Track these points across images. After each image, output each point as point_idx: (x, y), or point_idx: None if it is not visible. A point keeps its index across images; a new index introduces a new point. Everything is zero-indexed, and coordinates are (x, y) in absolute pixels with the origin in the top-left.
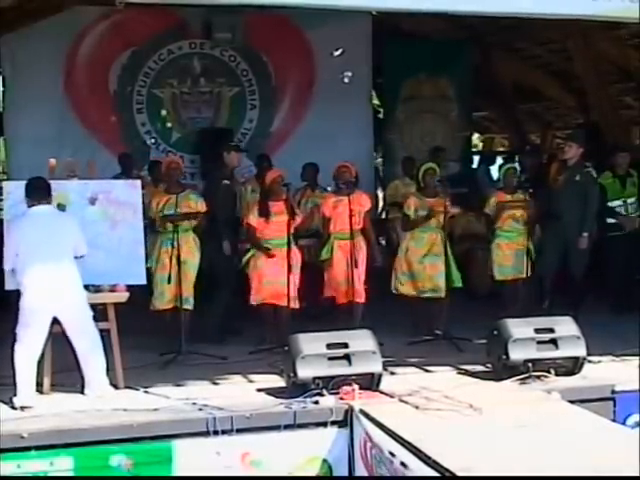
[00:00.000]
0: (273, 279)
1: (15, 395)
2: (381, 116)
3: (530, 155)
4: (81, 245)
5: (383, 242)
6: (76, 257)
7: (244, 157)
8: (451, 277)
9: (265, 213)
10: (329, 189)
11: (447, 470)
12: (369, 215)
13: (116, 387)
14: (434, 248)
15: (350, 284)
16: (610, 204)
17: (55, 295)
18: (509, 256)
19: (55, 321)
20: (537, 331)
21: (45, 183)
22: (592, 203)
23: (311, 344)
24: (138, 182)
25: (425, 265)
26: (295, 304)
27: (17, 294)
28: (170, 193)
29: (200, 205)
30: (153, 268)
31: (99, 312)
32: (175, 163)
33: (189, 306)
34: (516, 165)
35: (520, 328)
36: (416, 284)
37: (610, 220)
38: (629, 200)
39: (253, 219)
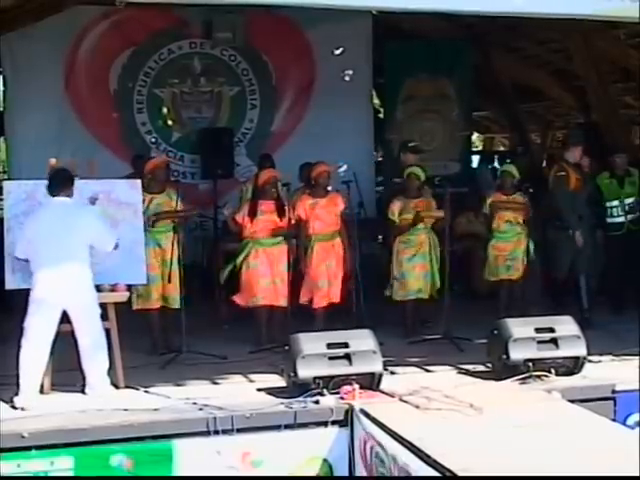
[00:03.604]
0: (267, 279)
1: (16, 394)
2: (381, 116)
3: (523, 156)
4: (105, 239)
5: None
6: (93, 260)
7: (244, 157)
8: (434, 280)
9: (252, 212)
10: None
11: (447, 470)
12: (343, 216)
13: (116, 387)
14: (423, 248)
15: (330, 285)
16: (607, 204)
17: (65, 289)
18: (503, 257)
19: (64, 320)
20: (537, 331)
21: (68, 174)
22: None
23: (311, 344)
24: (138, 182)
25: (414, 265)
26: (285, 302)
27: (19, 294)
28: (152, 193)
29: (179, 204)
30: None
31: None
32: (163, 162)
33: (176, 305)
34: (512, 167)
35: (520, 328)
36: (405, 285)
37: (609, 220)
38: (627, 200)
39: (239, 216)
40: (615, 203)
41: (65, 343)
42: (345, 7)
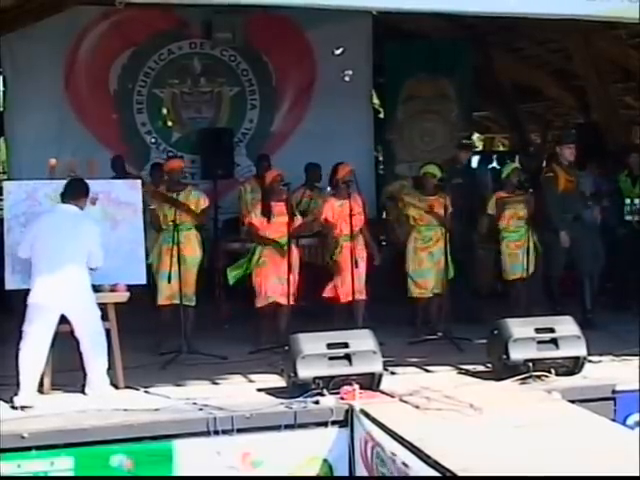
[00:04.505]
0: (275, 277)
1: (16, 394)
2: (381, 116)
3: (534, 157)
4: (97, 256)
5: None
6: (91, 269)
7: (244, 157)
8: (448, 269)
9: (267, 213)
10: (329, 189)
11: (448, 470)
12: (364, 214)
13: (116, 387)
14: (439, 244)
15: (353, 283)
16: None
17: (63, 293)
18: (518, 255)
19: (63, 320)
20: (537, 331)
21: (84, 187)
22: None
23: (311, 344)
24: (138, 182)
25: (434, 262)
26: (292, 301)
27: (19, 294)
28: (171, 192)
29: (203, 201)
30: (155, 265)
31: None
32: (179, 165)
33: (191, 303)
34: (516, 165)
35: (520, 328)
36: (427, 282)
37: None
38: (636, 200)
39: (255, 218)
40: (627, 201)
41: (65, 343)
42: (345, 7)
